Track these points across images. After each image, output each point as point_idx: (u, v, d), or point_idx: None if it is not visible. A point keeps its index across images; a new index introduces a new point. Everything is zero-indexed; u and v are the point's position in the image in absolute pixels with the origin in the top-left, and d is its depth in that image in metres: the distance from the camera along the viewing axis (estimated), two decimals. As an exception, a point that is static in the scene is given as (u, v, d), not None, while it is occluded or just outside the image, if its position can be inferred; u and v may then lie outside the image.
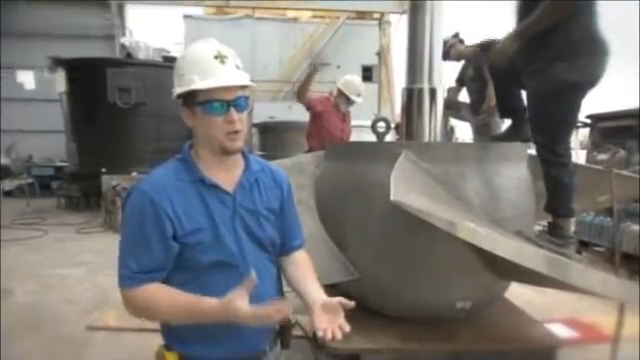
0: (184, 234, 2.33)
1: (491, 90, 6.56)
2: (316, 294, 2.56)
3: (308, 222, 4.68)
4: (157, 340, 2.55)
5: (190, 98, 2.36)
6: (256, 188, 2.57)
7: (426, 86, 4.93)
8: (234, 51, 2.45)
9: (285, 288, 2.78)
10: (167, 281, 2.37)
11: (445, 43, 7.09)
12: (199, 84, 2.30)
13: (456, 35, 7.60)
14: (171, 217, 2.30)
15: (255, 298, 2.29)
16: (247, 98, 2.41)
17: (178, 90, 2.38)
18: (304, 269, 2.76)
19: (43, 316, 6.88)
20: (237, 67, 2.40)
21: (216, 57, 2.35)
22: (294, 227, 2.84)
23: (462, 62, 7.61)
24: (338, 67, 29.88)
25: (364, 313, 4.54)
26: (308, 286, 2.62)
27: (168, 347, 2.49)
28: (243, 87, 2.41)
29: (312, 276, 2.71)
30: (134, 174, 13.75)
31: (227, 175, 2.48)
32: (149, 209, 2.28)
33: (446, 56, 7.22)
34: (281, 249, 2.75)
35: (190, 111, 2.40)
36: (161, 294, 2.32)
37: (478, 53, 7.07)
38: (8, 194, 21.08)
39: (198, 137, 2.46)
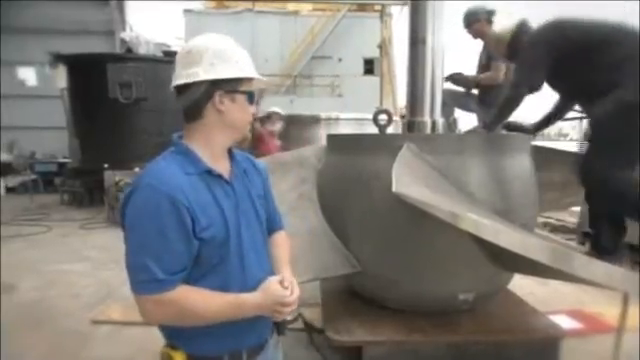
0: (200, 229, 2.27)
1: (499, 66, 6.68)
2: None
3: (310, 215, 4.68)
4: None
5: (223, 85, 2.40)
6: (245, 176, 2.61)
7: (428, 119, 4.96)
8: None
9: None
10: None
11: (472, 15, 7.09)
12: (248, 72, 2.45)
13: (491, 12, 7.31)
14: (190, 212, 2.23)
15: (258, 285, 2.39)
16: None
17: (202, 77, 2.36)
18: (282, 251, 2.81)
19: (47, 311, 6.89)
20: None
21: (238, 49, 2.47)
22: (275, 210, 2.90)
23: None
24: (339, 60, 29.95)
25: (366, 305, 4.56)
26: (281, 270, 2.65)
27: (173, 347, 2.46)
28: None
29: (286, 259, 2.77)
30: (136, 169, 13.72)
31: (222, 166, 2.49)
32: (167, 207, 2.18)
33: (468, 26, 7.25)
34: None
35: (219, 99, 2.40)
36: (196, 296, 2.27)
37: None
38: (11, 190, 21.14)
39: (212, 126, 2.43)
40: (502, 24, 5.08)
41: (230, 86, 2.41)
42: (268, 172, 2.87)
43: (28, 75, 24.93)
